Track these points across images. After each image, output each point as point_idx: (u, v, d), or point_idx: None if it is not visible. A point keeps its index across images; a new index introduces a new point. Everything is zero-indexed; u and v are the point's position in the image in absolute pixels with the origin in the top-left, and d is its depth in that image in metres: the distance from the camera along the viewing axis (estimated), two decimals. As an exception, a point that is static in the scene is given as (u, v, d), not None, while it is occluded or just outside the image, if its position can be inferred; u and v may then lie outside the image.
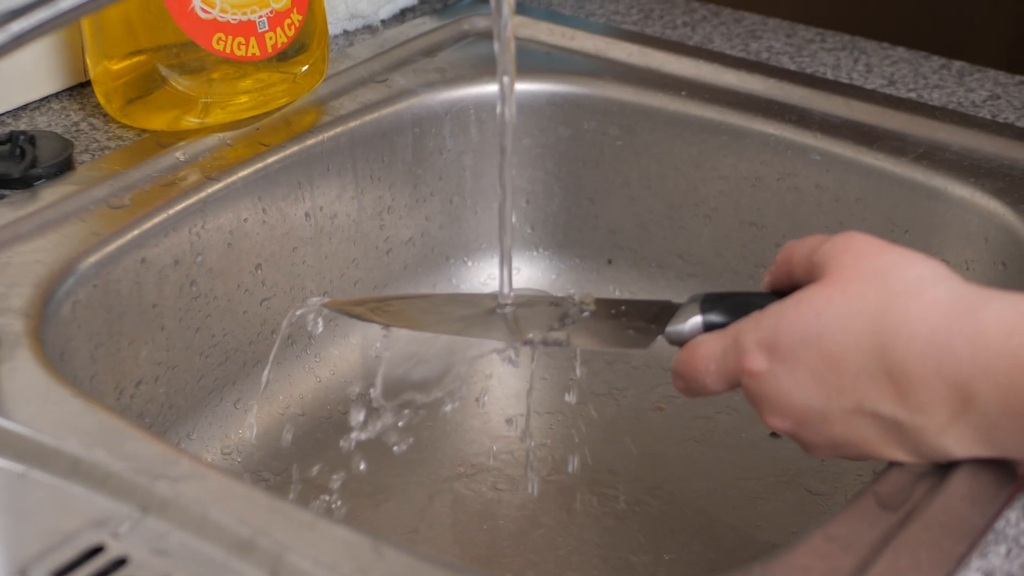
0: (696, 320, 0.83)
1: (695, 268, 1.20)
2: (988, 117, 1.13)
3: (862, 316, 0.74)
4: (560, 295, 0.91)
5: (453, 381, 1.17)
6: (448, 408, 1.11)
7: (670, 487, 1.07)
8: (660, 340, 0.85)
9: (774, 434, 1.11)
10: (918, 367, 0.72)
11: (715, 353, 0.80)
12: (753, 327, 0.78)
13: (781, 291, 0.81)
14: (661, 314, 0.85)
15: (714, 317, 0.83)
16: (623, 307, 0.88)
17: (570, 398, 1.15)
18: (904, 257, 0.76)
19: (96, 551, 0.71)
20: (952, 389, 0.72)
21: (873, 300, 0.74)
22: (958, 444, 0.74)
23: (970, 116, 1.13)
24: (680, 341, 0.83)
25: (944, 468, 0.76)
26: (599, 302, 0.89)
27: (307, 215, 1.11)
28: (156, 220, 0.99)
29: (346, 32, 1.26)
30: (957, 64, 1.22)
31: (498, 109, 0.88)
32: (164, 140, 1.06)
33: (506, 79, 0.86)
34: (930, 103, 1.15)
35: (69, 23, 0.74)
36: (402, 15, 1.30)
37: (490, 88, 1.19)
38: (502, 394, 1.16)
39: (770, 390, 0.77)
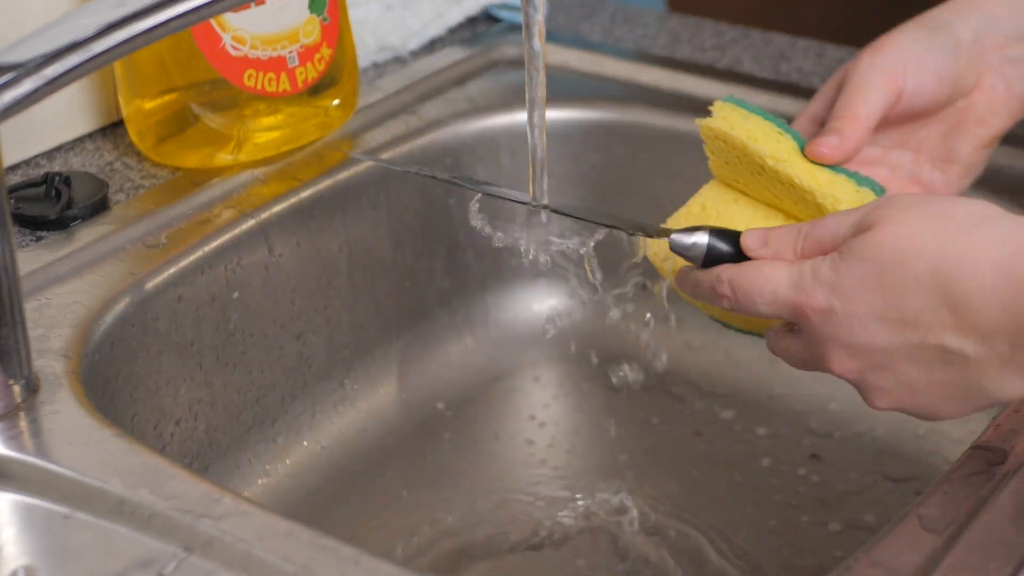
0: (703, 238, 0.83)
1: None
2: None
3: (920, 256, 0.74)
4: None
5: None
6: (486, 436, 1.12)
7: (710, 514, 1.06)
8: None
9: (815, 455, 1.11)
10: (979, 298, 0.72)
11: (780, 278, 0.79)
12: (818, 268, 0.77)
13: None
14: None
15: (720, 244, 0.83)
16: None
17: (607, 425, 1.15)
18: (951, 200, 0.77)
19: (142, 592, 0.71)
20: (1010, 319, 0.71)
21: (929, 240, 0.74)
22: (1020, 380, 0.73)
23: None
24: (680, 249, 0.83)
25: (988, 488, 0.76)
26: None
27: (341, 248, 1.11)
28: (192, 258, 1.00)
29: (375, 64, 1.26)
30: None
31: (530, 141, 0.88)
32: (198, 177, 1.06)
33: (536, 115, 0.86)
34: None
35: (102, 67, 0.75)
36: (431, 46, 1.30)
37: (521, 116, 1.19)
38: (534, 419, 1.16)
39: (833, 328, 0.76)
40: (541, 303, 1.24)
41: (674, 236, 0.84)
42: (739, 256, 0.82)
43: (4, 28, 0.98)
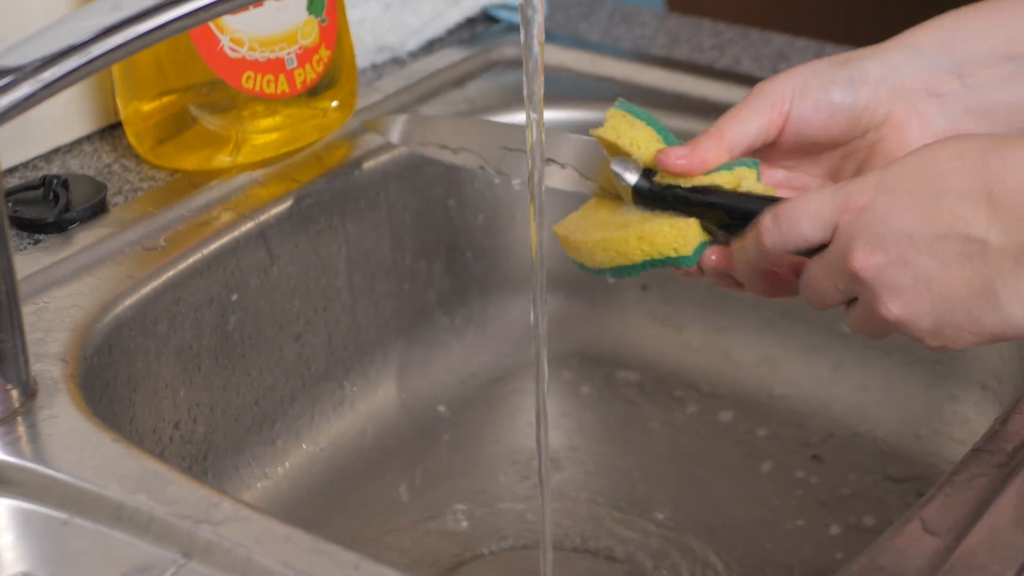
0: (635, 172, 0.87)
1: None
2: None
3: (973, 149, 0.77)
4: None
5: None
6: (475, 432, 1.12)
7: (710, 516, 1.06)
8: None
9: (815, 457, 1.10)
10: (1016, 182, 0.74)
11: (823, 195, 0.80)
12: (863, 176, 0.80)
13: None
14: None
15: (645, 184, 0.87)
16: None
17: (607, 427, 1.15)
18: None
19: (141, 598, 0.71)
20: None
21: (982, 140, 0.77)
22: None
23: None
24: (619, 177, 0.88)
25: (990, 490, 0.76)
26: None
27: (340, 250, 1.11)
28: (191, 260, 0.99)
29: (374, 65, 1.26)
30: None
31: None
32: (196, 180, 1.06)
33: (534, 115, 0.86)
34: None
35: (100, 70, 0.75)
36: (429, 47, 1.30)
37: (520, 117, 1.18)
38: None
39: (869, 222, 0.78)
40: (541, 304, 1.24)
41: (614, 163, 0.88)
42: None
43: (3, 29, 0.98)
